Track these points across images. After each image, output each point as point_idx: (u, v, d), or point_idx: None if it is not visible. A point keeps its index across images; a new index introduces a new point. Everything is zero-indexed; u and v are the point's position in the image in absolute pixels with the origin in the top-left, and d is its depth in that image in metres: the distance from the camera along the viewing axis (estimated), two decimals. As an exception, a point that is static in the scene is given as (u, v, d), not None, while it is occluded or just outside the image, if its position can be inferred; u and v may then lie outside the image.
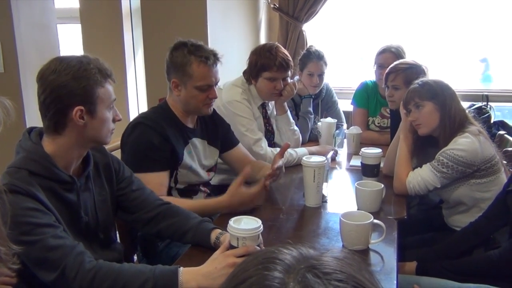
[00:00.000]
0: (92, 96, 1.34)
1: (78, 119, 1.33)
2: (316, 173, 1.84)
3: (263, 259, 0.55)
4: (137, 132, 1.87)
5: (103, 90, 1.37)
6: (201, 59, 1.86)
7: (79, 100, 1.33)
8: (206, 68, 1.87)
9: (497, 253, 1.65)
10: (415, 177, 1.96)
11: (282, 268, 0.53)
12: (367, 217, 1.51)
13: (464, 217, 1.96)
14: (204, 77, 1.88)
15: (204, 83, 1.89)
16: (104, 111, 1.39)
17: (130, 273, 1.26)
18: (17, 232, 1.20)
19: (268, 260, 0.55)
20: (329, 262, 0.53)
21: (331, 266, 0.53)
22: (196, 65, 1.86)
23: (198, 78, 1.87)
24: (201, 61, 1.86)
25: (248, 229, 1.30)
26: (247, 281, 0.53)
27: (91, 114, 1.36)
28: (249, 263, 0.56)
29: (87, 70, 1.33)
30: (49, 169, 1.33)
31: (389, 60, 2.62)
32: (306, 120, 2.89)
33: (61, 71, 1.31)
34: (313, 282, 0.50)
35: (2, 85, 2.59)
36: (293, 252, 0.56)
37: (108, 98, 1.39)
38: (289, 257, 0.55)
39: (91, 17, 3.84)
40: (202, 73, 1.87)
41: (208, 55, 1.88)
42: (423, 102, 1.97)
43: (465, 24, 3.75)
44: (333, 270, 0.52)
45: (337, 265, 0.53)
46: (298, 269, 0.52)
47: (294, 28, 3.75)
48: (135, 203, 1.59)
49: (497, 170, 1.93)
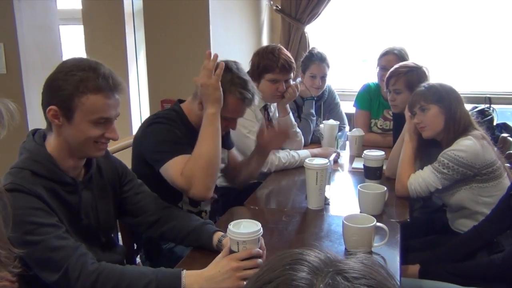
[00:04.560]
0: (68, 101, 1.30)
1: (52, 119, 1.32)
2: (318, 176, 1.83)
3: (290, 260, 0.55)
4: (153, 128, 1.80)
5: (88, 101, 1.30)
6: (239, 96, 1.80)
7: (56, 101, 1.31)
8: (241, 104, 1.82)
9: (501, 257, 1.64)
10: (416, 178, 1.95)
11: (309, 269, 0.53)
12: (370, 220, 1.50)
13: (467, 221, 1.95)
14: (235, 112, 1.84)
15: (231, 117, 1.85)
16: (84, 122, 1.32)
17: (133, 275, 1.26)
18: (20, 231, 1.20)
19: (295, 261, 0.54)
20: (358, 267, 0.53)
21: (360, 272, 0.52)
22: (232, 99, 1.79)
23: (229, 111, 1.81)
24: (239, 98, 1.80)
25: (248, 232, 1.29)
26: (274, 281, 0.52)
27: (67, 118, 1.32)
28: (276, 264, 0.55)
29: (74, 75, 1.29)
30: (51, 170, 1.33)
31: (392, 62, 2.61)
32: (308, 122, 2.89)
33: (56, 69, 1.32)
34: (343, 285, 0.50)
35: (5, 86, 2.59)
36: (320, 255, 0.56)
37: (92, 111, 1.31)
38: (316, 260, 0.54)
39: (94, 19, 3.85)
40: (235, 109, 1.82)
41: (248, 94, 1.80)
42: (429, 105, 1.97)
43: (468, 26, 3.74)
44: (362, 275, 0.52)
45: (365, 270, 0.53)
46: (327, 272, 0.52)
47: (297, 30, 3.75)
48: (138, 206, 1.59)
49: (499, 176, 1.93)
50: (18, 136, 1.38)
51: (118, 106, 1.37)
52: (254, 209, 1.94)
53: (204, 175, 1.66)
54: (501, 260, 1.63)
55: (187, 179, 1.66)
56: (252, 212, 1.90)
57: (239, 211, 1.90)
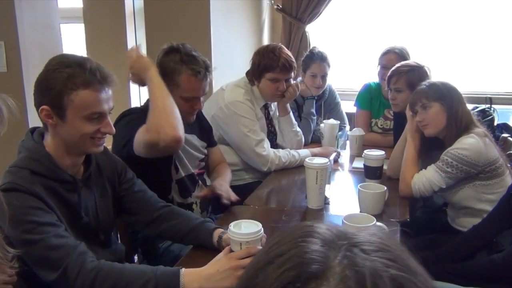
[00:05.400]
0: (58, 99, 1.29)
1: (45, 119, 1.32)
2: (318, 175, 1.83)
3: (302, 232, 0.52)
4: (124, 120, 1.81)
5: (78, 98, 1.29)
6: (192, 72, 1.81)
7: (46, 100, 1.30)
8: (195, 81, 1.83)
9: (501, 257, 1.64)
10: (420, 178, 1.95)
11: (322, 242, 0.50)
12: (369, 219, 1.50)
13: (469, 219, 1.95)
14: (191, 90, 1.85)
15: (191, 95, 1.86)
16: (77, 119, 1.31)
17: (132, 273, 1.26)
18: (19, 230, 1.20)
19: (307, 234, 0.52)
20: (373, 240, 0.51)
21: (375, 244, 0.50)
22: (185, 77, 1.82)
23: (185, 89, 1.84)
24: (191, 74, 1.82)
25: (250, 233, 1.29)
26: (286, 253, 0.50)
27: (60, 117, 1.31)
28: (286, 236, 0.53)
29: (61, 73, 1.28)
30: (50, 168, 1.33)
31: (393, 61, 2.61)
32: (309, 122, 2.89)
33: (44, 68, 1.32)
34: (361, 257, 0.48)
35: (5, 84, 2.59)
36: (331, 228, 0.53)
37: (84, 107, 1.30)
38: (328, 232, 0.52)
39: (95, 17, 3.84)
40: (191, 86, 1.84)
41: (200, 69, 1.82)
42: (430, 103, 1.96)
43: (470, 26, 3.74)
44: (379, 248, 0.50)
45: (381, 243, 0.51)
46: (341, 244, 0.50)
47: (297, 29, 3.75)
48: (137, 204, 1.59)
49: (501, 173, 1.92)
50: (18, 134, 1.38)
51: (110, 100, 1.36)
52: (254, 208, 1.94)
53: (166, 118, 1.63)
54: (501, 260, 1.63)
55: (153, 131, 1.62)
56: (252, 211, 1.90)
57: (239, 210, 1.89)
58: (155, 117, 1.64)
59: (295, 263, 0.48)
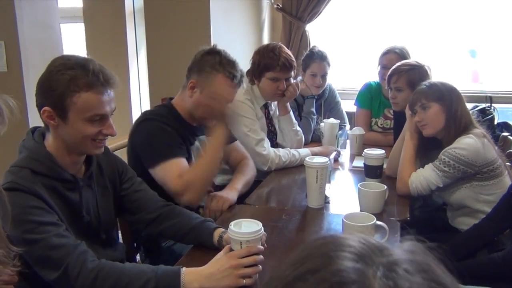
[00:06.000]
0: (60, 101, 1.29)
1: (47, 120, 1.32)
2: (318, 174, 1.83)
3: (334, 246, 0.49)
4: (146, 126, 1.84)
5: (80, 100, 1.29)
6: (228, 75, 1.85)
7: (48, 102, 1.30)
8: (230, 84, 1.87)
9: (501, 256, 1.64)
10: (418, 177, 1.95)
11: (356, 256, 0.47)
12: (370, 218, 1.50)
13: (468, 219, 1.95)
14: (224, 93, 1.87)
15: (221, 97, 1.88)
16: (79, 120, 1.31)
17: (132, 272, 1.26)
18: (20, 230, 1.20)
19: (338, 248, 0.48)
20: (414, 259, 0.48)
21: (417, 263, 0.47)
22: (221, 78, 1.85)
23: (217, 91, 1.85)
24: (227, 77, 1.85)
25: (250, 232, 1.29)
26: (320, 271, 0.46)
27: (62, 118, 1.31)
28: (314, 251, 0.49)
29: (63, 75, 1.28)
30: (51, 168, 1.33)
31: (393, 61, 2.60)
32: (309, 121, 2.89)
33: (46, 69, 1.32)
34: (405, 279, 0.45)
35: (5, 84, 2.59)
36: (363, 240, 0.49)
37: (86, 109, 1.30)
38: (361, 245, 0.48)
39: (94, 17, 3.84)
40: (224, 88, 1.86)
41: (236, 73, 1.87)
42: (430, 103, 1.97)
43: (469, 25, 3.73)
44: (422, 268, 0.47)
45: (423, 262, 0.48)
46: (379, 262, 0.46)
47: (297, 28, 3.75)
48: (138, 203, 1.59)
49: (499, 174, 1.92)
50: (19, 134, 1.38)
51: (112, 101, 1.36)
52: (254, 207, 1.94)
53: (202, 185, 1.76)
54: (502, 258, 1.63)
55: (185, 184, 1.70)
56: (252, 210, 1.90)
57: (239, 209, 1.90)
58: (196, 173, 1.74)
59: (331, 283, 0.45)
